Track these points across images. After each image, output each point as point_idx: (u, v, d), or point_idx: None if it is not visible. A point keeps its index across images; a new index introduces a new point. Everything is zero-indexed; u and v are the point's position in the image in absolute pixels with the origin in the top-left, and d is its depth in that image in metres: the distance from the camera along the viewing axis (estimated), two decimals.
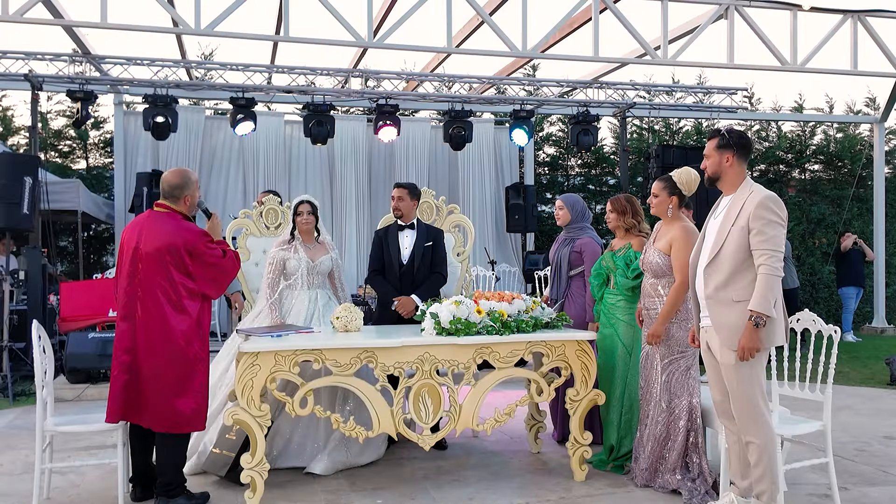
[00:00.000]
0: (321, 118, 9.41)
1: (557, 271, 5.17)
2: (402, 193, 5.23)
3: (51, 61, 8.76)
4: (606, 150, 13.85)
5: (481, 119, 12.12)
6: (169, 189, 4.01)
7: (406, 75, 9.95)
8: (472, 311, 4.31)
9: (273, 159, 11.21)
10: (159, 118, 9.01)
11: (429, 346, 4.21)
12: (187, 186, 4.02)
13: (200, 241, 3.90)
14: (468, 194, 11.84)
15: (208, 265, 3.92)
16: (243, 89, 9.29)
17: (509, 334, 4.29)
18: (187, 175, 4.05)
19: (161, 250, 3.85)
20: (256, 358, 3.96)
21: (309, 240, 5.09)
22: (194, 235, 3.90)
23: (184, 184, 4.01)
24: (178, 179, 4.01)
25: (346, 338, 4.27)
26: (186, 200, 4.02)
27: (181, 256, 3.85)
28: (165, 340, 3.83)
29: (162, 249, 3.85)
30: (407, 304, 5.05)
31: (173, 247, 3.85)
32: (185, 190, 4.01)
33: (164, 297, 3.83)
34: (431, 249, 5.22)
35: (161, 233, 3.89)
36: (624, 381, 4.63)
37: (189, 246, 3.86)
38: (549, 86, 10.38)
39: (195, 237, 3.90)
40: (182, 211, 4.02)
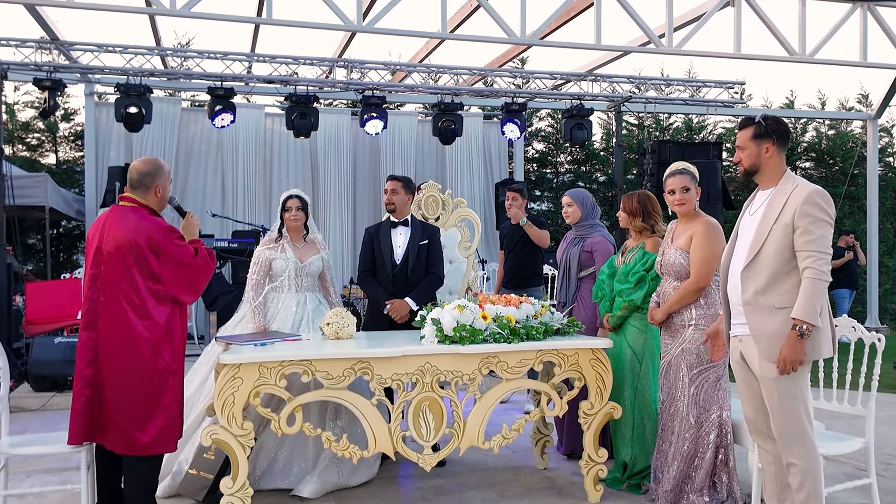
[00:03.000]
0: (304, 110, 8.97)
1: (566, 273, 4.78)
2: (396, 186, 4.82)
3: (17, 47, 8.24)
4: (596, 146, 13.51)
5: (470, 113, 11.73)
6: (138, 177, 3.56)
7: (393, 66, 9.52)
8: (478, 316, 3.91)
9: (253, 154, 10.75)
10: (132, 108, 8.52)
11: (430, 356, 3.80)
12: (158, 175, 3.57)
13: (166, 237, 3.46)
14: (456, 191, 11.40)
15: (177, 265, 3.48)
16: (221, 78, 8.82)
17: (518, 342, 3.90)
18: (158, 163, 3.61)
19: (122, 249, 3.41)
20: (238, 370, 3.53)
21: (298, 238, 4.66)
22: (159, 231, 3.46)
23: (154, 171, 3.57)
24: (149, 167, 3.57)
25: (338, 346, 3.86)
26: (157, 191, 3.58)
27: (144, 256, 3.40)
28: (130, 351, 3.39)
29: (123, 248, 3.41)
30: (401, 308, 4.65)
31: (134, 245, 3.40)
32: (157, 179, 3.57)
33: (126, 303, 3.39)
34: (427, 248, 4.82)
35: (122, 230, 3.45)
36: (634, 391, 4.26)
37: (153, 243, 3.42)
38: (541, 78, 10.01)
39: (160, 233, 3.45)
40: (150, 205, 3.57)
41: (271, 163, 10.95)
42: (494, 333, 3.89)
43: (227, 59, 8.87)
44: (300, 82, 9.09)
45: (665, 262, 3.99)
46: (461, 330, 3.81)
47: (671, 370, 3.99)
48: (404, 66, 9.56)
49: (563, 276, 4.80)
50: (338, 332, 4.04)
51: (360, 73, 9.38)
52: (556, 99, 10.42)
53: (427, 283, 4.80)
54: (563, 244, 4.95)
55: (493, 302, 4.08)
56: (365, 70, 9.38)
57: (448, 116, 9.48)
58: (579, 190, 4.98)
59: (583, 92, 9.96)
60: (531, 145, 13.39)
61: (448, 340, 3.82)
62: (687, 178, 3.91)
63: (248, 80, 9.06)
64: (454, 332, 3.80)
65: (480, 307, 3.98)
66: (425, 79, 9.71)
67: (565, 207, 4.89)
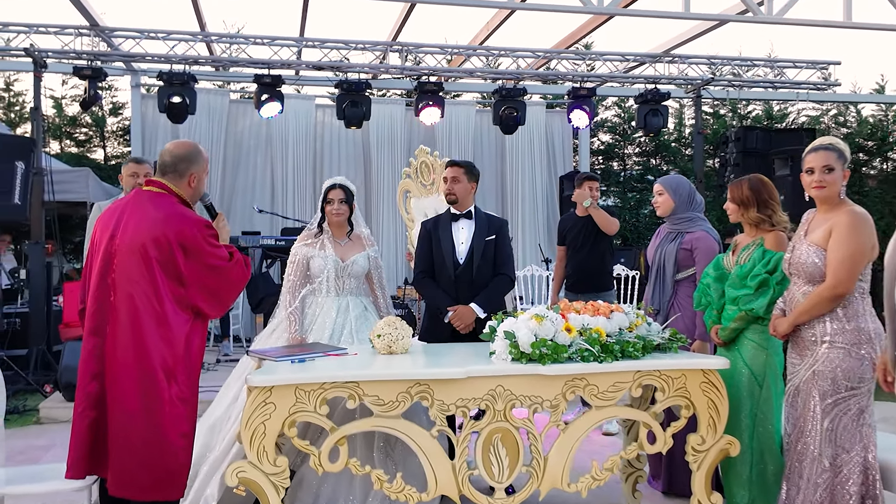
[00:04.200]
0: (356, 98, 8.35)
1: (660, 274, 4.01)
2: (457, 173, 4.12)
3: (56, 34, 7.81)
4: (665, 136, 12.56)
5: (532, 102, 10.96)
6: (171, 161, 2.97)
7: (450, 49, 8.82)
8: (560, 328, 3.19)
9: (303, 147, 10.19)
10: (175, 98, 8.03)
11: (502, 378, 3.10)
12: (195, 162, 2.99)
13: (201, 232, 2.86)
14: (517, 185, 10.70)
15: (206, 268, 2.86)
16: (269, 65, 8.25)
17: (612, 361, 3.16)
18: (196, 149, 3.03)
19: (145, 243, 2.81)
20: (270, 394, 2.88)
21: (340, 234, 4.02)
22: (193, 224, 2.86)
23: (191, 157, 2.98)
24: (185, 150, 2.98)
25: (391, 364, 3.19)
26: (192, 181, 2.99)
27: (171, 251, 2.81)
28: (139, 368, 2.79)
29: (146, 241, 2.81)
30: (465, 316, 3.96)
31: (162, 238, 2.81)
32: (193, 166, 2.98)
33: (142, 306, 2.79)
34: (494, 244, 4.11)
35: (148, 219, 2.85)
36: (752, 422, 3.47)
37: (183, 238, 2.82)
38: (611, 60, 9.18)
39: (194, 227, 2.85)
40: (182, 194, 2.97)
41: (322, 156, 10.39)
42: (582, 350, 3.16)
43: (275, 44, 8.31)
44: (351, 68, 8.47)
45: (795, 260, 3.20)
46: (541, 346, 3.09)
47: (799, 397, 3.19)
48: (462, 48, 8.85)
49: (657, 278, 4.03)
50: (390, 345, 3.36)
51: (414, 58, 8.72)
52: (628, 83, 9.58)
53: (495, 285, 4.10)
54: (655, 241, 4.18)
55: (578, 311, 3.35)
56: (420, 55, 8.71)
57: (510, 103, 8.74)
58: (674, 176, 4.21)
59: (658, 74, 9.08)
60: (596, 136, 12.53)
61: (524, 358, 3.11)
62: (832, 156, 3.10)
63: (296, 66, 8.49)
64: (532, 348, 3.09)
65: (563, 317, 3.26)
66: (485, 63, 8.99)
67: (655, 197, 4.12)
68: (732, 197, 3.63)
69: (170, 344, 2.81)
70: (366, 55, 8.63)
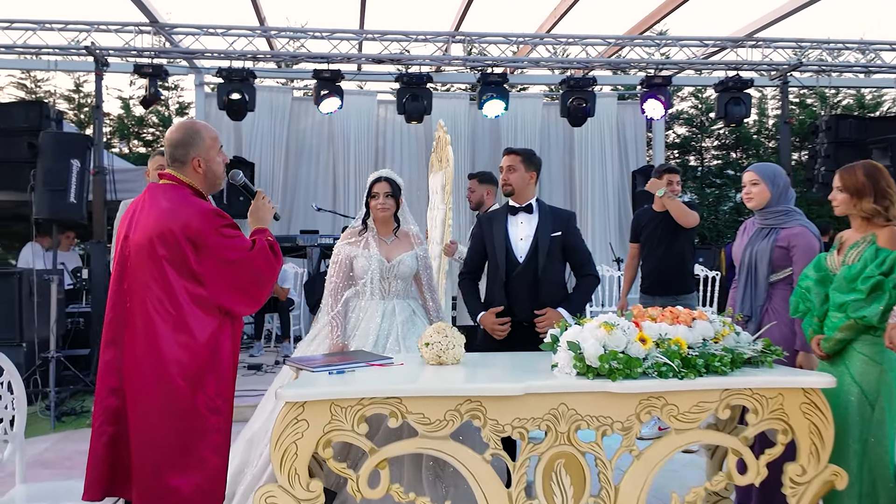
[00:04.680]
0: (417, 91, 8.04)
1: (750, 276, 3.52)
2: (514, 161, 3.73)
3: (117, 32, 7.78)
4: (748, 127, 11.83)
5: (602, 93, 10.45)
6: (170, 150, 2.69)
7: (515, 37, 8.41)
8: (633, 338, 2.76)
9: (365, 144, 9.98)
10: (235, 95, 7.89)
11: (566, 395, 2.69)
12: (194, 143, 2.68)
13: (209, 223, 2.56)
14: (586, 181, 10.21)
15: (223, 262, 2.56)
16: (328, 59, 8.02)
17: (694, 377, 2.71)
18: (194, 128, 2.71)
19: (152, 240, 2.55)
20: (302, 410, 2.56)
21: (386, 231, 3.69)
22: (200, 217, 2.56)
23: (188, 139, 2.68)
24: (180, 134, 2.69)
25: (440, 376, 2.83)
26: (197, 165, 2.68)
27: (180, 248, 2.52)
28: (157, 379, 2.52)
29: (154, 239, 2.54)
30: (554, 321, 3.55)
31: (168, 233, 2.53)
32: (192, 148, 2.67)
33: (156, 312, 2.51)
34: (562, 241, 3.69)
35: (154, 215, 2.58)
36: (862, 448, 2.97)
37: (190, 232, 2.53)
38: (688, 46, 8.59)
39: (200, 218, 2.55)
40: (193, 182, 2.68)
41: (384, 154, 10.15)
42: (658, 365, 2.72)
43: (334, 38, 8.08)
44: (412, 61, 8.16)
45: None
46: (611, 359, 2.68)
47: None
48: (528, 37, 8.43)
49: (747, 281, 3.54)
50: (440, 355, 3.00)
51: (478, 49, 8.36)
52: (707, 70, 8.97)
53: (584, 287, 3.71)
54: (742, 237, 3.69)
55: (655, 318, 2.92)
56: (483, 45, 8.33)
57: (578, 94, 8.28)
58: (768, 164, 3.70)
59: (740, 60, 8.45)
60: (672, 129, 11.90)
61: (592, 373, 2.69)
62: None
63: (356, 59, 8.23)
64: (600, 361, 2.67)
65: (636, 326, 2.83)
66: (552, 52, 8.55)
67: (747, 187, 3.62)
68: (844, 185, 3.11)
69: (190, 350, 2.52)
70: (427, 47, 8.31)
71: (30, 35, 7.59)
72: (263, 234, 2.76)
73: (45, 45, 7.63)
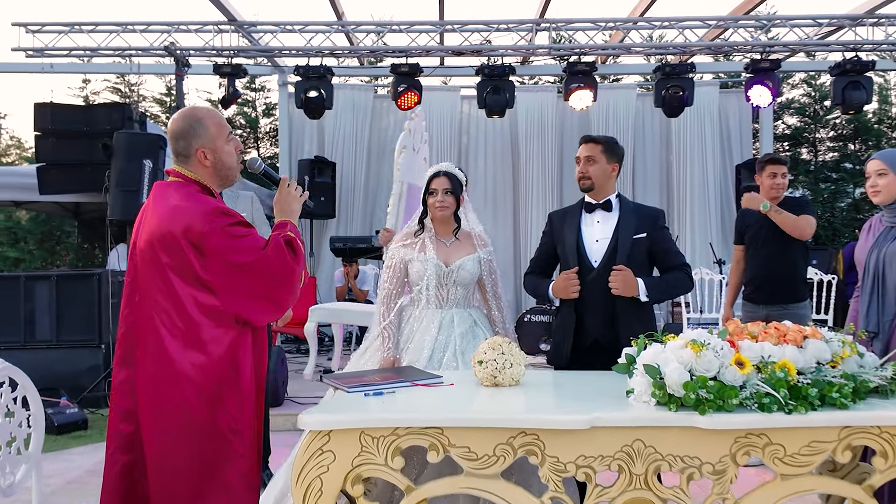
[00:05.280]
0: (498, 84, 7.62)
1: (877, 284, 2.92)
2: (593, 151, 3.24)
3: (196, 32, 7.74)
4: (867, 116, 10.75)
5: (703, 82, 9.73)
6: (173, 143, 2.39)
7: (606, 22, 7.85)
8: (728, 362, 2.26)
9: (447, 142, 9.64)
10: (312, 93, 7.71)
11: (643, 430, 2.23)
12: (196, 133, 2.35)
13: (212, 223, 2.22)
14: (685, 176, 9.50)
15: (232, 266, 2.23)
16: (406, 52, 7.72)
17: (805, 411, 2.19)
18: (194, 116, 2.38)
19: (154, 246, 2.25)
20: (328, 440, 2.21)
21: (445, 232, 3.30)
22: (203, 217, 2.23)
23: (189, 129, 2.36)
24: (179, 124, 2.37)
25: (493, 401, 2.42)
26: (203, 157, 2.36)
27: (182, 252, 2.22)
28: (172, 400, 2.23)
29: (156, 245, 2.25)
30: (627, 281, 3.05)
31: (168, 236, 2.23)
32: (195, 139, 2.35)
33: (164, 327, 2.22)
34: (648, 244, 3.19)
35: (156, 217, 2.29)
36: None
37: (193, 234, 2.21)
38: (799, 26, 7.78)
39: (204, 219, 2.23)
40: (200, 178, 2.37)
41: (468, 151, 9.79)
42: (760, 395, 2.21)
43: (412, 30, 7.78)
44: (494, 51, 7.74)
45: None
46: (700, 386, 2.19)
47: None
48: (620, 21, 7.85)
49: (873, 289, 2.93)
50: (495, 375, 2.59)
51: (565, 36, 7.86)
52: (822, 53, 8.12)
53: (674, 276, 3.18)
54: (867, 237, 3.08)
55: (755, 336, 2.40)
56: (570, 32, 7.82)
57: (674, 82, 7.64)
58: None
59: (859, 40, 7.58)
60: (781, 119, 10.96)
61: (674, 404, 2.22)
62: None
63: (435, 52, 7.89)
64: (686, 390, 2.19)
65: (731, 345, 2.32)
66: (645, 38, 7.94)
67: (872, 178, 3.02)
68: None
69: (202, 368, 2.22)
70: (510, 36, 7.87)
71: (113, 37, 7.65)
72: (284, 228, 2.42)
73: (127, 46, 7.67)
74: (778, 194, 4.34)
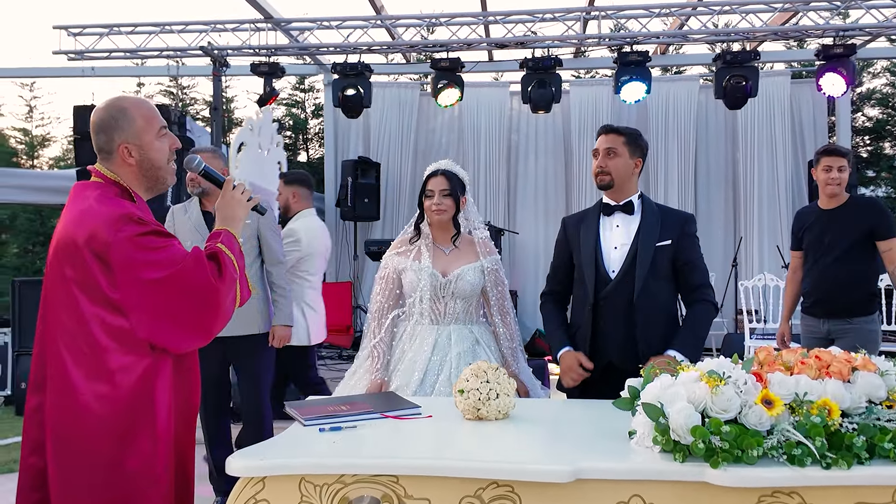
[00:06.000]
0: (544, 77, 7.18)
1: None
2: (615, 142, 2.81)
3: (234, 31, 7.59)
4: None
5: (772, 71, 9.02)
6: (94, 137, 2.06)
7: (660, 8, 7.30)
8: (753, 399, 1.82)
9: (496, 140, 9.22)
10: (349, 91, 7.44)
11: (641, 484, 1.81)
12: (119, 126, 2.01)
13: (123, 233, 1.89)
14: (752, 173, 8.81)
15: (145, 284, 1.89)
16: (447, 46, 7.37)
17: (849, 466, 1.73)
18: (118, 106, 2.03)
19: (58, 255, 1.95)
20: (263, 487, 1.87)
21: (443, 239, 2.94)
22: (110, 224, 1.89)
23: (112, 122, 2.02)
24: (101, 116, 2.03)
25: (472, 439, 2.05)
26: (127, 154, 2.02)
27: (86, 267, 1.89)
28: (77, 437, 1.91)
29: (59, 253, 1.95)
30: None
31: (72, 247, 1.92)
32: (119, 132, 2.01)
33: (68, 352, 1.91)
34: (673, 252, 2.75)
35: (63, 221, 1.99)
36: None
37: (98, 244, 1.89)
38: (883, 6, 7.05)
39: (111, 228, 1.89)
40: (122, 179, 2.05)
41: (517, 150, 9.35)
42: (791, 445, 1.77)
43: (453, 23, 7.42)
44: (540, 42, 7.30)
45: None
46: (712, 432, 1.76)
47: None
48: (677, 7, 7.29)
49: None
50: (478, 407, 2.20)
51: (617, 25, 7.36)
52: None
53: (700, 318, 2.75)
54: None
55: (790, 367, 1.95)
56: (623, 20, 7.31)
57: (736, 71, 7.03)
58: None
59: None
60: (861, 111, 10.12)
61: (680, 453, 1.80)
62: None
63: (477, 45, 7.51)
64: (694, 436, 1.77)
65: (758, 378, 1.88)
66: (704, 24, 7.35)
67: None
68: None
69: (109, 401, 1.90)
70: (556, 26, 7.42)
71: (152, 38, 7.58)
72: (216, 238, 2.08)
73: (166, 47, 7.58)
74: (835, 191, 3.79)
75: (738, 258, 8.15)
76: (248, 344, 3.68)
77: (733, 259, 8.11)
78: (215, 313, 1.97)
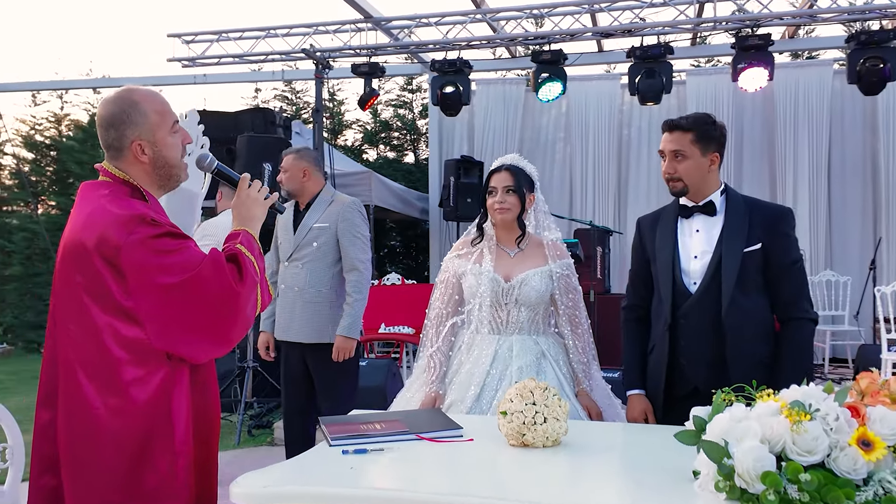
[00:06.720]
0: (652, 67, 6.71)
1: None
2: (682, 143, 2.42)
3: (335, 33, 7.61)
4: None
5: None
6: (102, 133, 1.94)
7: None
8: (846, 439, 1.46)
9: (606, 136, 8.80)
10: (448, 88, 7.26)
11: None
12: (131, 121, 1.87)
13: (131, 233, 1.75)
14: (893, 164, 7.94)
15: (159, 290, 1.75)
16: (549, 38, 7.05)
17: None
18: (129, 99, 1.88)
19: (66, 260, 1.84)
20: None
21: (507, 240, 2.68)
22: (121, 227, 1.75)
23: (121, 116, 1.87)
24: (110, 111, 1.89)
25: (510, 470, 1.80)
26: (140, 151, 1.88)
27: (97, 273, 1.76)
28: (92, 454, 1.80)
29: (67, 258, 1.84)
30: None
31: (81, 251, 1.79)
32: (131, 128, 1.87)
33: (79, 364, 1.80)
34: (762, 256, 2.35)
35: (71, 223, 1.88)
36: None
37: (108, 248, 1.75)
38: None
39: (119, 227, 1.75)
40: (131, 178, 1.92)
41: (629, 145, 8.90)
42: (892, 498, 1.40)
43: (554, 14, 7.08)
44: (647, 30, 6.84)
45: None
46: (790, 480, 1.42)
47: None
48: None
49: None
50: (522, 432, 1.94)
51: (735, 6, 6.78)
52: None
53: (798, 341, 2.35)
54: None
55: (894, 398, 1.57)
56: (742, 2, 6.72)
57: (872, 52, 6.29)
58: None
59: None
60: None
61: (750, 503, 1.46)
62: None
63: (580, 35, 7.13)
64: (766, 484, 1.43)
65: (854, 413, 1.52)
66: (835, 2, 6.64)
67: None
68: None
69: (123, 416, 1.78)
70: (668, 11, 6.93)
71: (258, 42, 7.72)
72: (235, 239, 1.92)
73: (271, 51, 7.70)
74: None
75: (876, 261, 7.36)
76: (323, 352, 3.57)
77: (871, 262, 7.34)
78: (235, 319, 1.82)
